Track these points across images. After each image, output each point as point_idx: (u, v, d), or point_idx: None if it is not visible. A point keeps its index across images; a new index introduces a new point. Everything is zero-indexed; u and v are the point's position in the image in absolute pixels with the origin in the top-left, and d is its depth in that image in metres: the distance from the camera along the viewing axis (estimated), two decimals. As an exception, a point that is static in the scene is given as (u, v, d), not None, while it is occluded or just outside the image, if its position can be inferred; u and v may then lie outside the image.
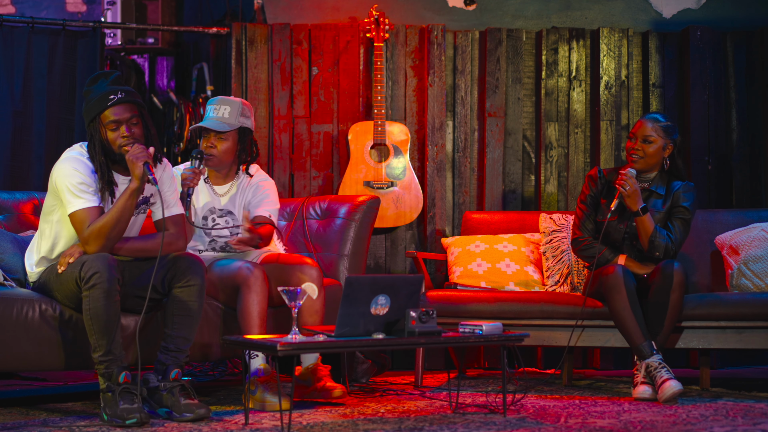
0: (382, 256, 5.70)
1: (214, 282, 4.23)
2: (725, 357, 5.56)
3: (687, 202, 4.52)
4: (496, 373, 5.30)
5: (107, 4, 6.18)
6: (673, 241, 4.45)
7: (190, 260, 3.80)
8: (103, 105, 3.75)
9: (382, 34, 5.57)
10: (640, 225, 4.44)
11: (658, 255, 4.44)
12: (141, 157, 3.70)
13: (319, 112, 5.71)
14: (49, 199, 3.85)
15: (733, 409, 3.89)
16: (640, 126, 4.55)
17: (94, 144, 3.77)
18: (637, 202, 4.41)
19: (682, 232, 4.50)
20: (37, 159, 5.43)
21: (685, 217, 4.52)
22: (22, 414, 3.85)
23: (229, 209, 4.43)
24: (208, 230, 4.37)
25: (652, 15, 5.89)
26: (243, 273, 4.10)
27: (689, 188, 4.57)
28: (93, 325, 3.59)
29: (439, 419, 3.68)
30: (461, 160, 5.75)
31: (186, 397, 3.68)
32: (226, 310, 4.25)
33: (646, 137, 4.52)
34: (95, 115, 3.76)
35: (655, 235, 4.42)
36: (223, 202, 4.43)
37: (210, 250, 4.42)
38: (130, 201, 3.73)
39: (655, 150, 4.53)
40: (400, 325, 3.61)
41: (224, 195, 4.44)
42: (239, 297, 4.09)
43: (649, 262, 4.51)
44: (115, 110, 3.75)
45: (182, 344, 3.78)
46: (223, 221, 4.42)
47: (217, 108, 4.37)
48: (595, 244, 4.56)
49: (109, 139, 3.75)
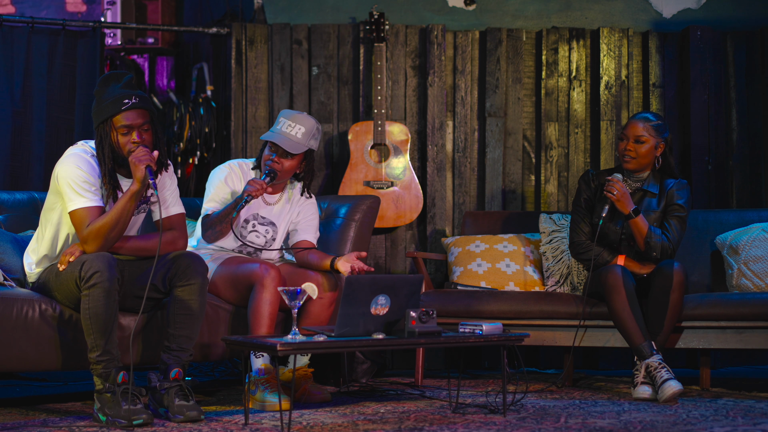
0: (382, 256, 5.70)
1: (225, 280, 4.22)
2: (725, 357, 5.56)
3: (681, 199, 4.54)
4: (496, 373, 5.30)
5: (107, 4, 6.18)
6: (670, 240, 4.46)
7: (190, 259, 3.80)
8: (116, 108, 3.73)
9: (382, 34, 5.57)
10: (633, 227, 4.44)
11: (656, 255, 4.44)
12: (144, 160, 3.69)
13: (319, 112, 5.71)
14: (51, 197, 3.84)
15: (733, 409, 3.89)
16: (632, 126, 4.55)
17: (103, 146, 3.76)
18: (627, 205, 4.42)
19: (679, 230, 4.50)
20: (37, 159, 5.43)
21: (680, 214, 4.52)
22: (22, 414, 3.85)
23: (273, 220, 4.44)
24: (242, 239, 4.36)
25: (652, 15, 5.89)
26: (259, 272, 4.10)
27: (683, 186, 4.58)
28: (92, 324, 3.58)
29: (439, 419, 3.68)
30: (461, 160, 5.75)
31: (181, 398, 3.67)
32: (230, 309, 4.25)
33: (638, 137, 4.54)
34: (107, 117, 3.75)
35: (650, 235, 4.42)
36: (270, 212, 4.44)
37: (237, 252, 4.42)
38: (130, 203, 3.72)
39: (648, 149, 4.54)
40: (400, 325, 3.61)
41: (272, 205, 4.44)
42: (252, 295, 4.09)
43: (649, 261, 4.51)
44: (128, 115, 3.74)
45: (184, 343, 3.77)
46: (263, 230, 4.42)
47: (291, 125, 4.30)
48: (590, 245, 4.57)
49: (120, 143, 3.76)
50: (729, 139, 5.78)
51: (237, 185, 4.36)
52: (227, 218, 4.22)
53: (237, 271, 4.19)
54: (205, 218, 4.33)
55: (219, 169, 4.41)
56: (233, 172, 4.38)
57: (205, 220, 4.32)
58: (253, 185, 4.19)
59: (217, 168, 4.44)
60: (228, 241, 4.39)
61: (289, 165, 4.32)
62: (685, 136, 5.76)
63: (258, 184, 4.20)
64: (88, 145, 3.82)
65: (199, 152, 6.16)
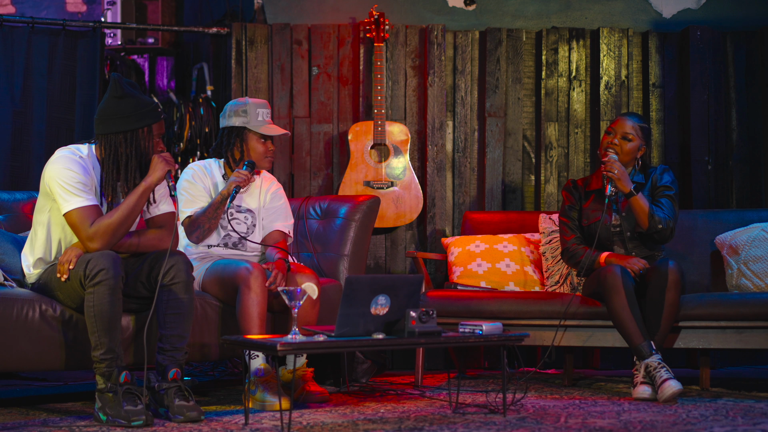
0: (382, 256, 5.70)
1: (215, 282, 4.23)
2: (725, 357, 5.56)
3: (666, 180, 4.60)
4: (496, 373, 5.30)
5: (107, 4, 6.18)
6: (669, 216, 4.49)
7: (172, 257, 3.78)
8: (157, 116, 3.81)
9: (382, 34, 5.57)
10: (635, 204, 4.46)
11: (661, 227, 4.45)
12: (170, 164, 3.78)
13: (319, 112, 5.71)
14: (41, 199, 3.83)
15: (733, 409, 3.89)
16: (621, 123, 4.60)
17: (134, 150, 3.77)
18: (627, 183, 4.45)
19: (672, 207, 4.54)
20: (37, 159, 5.43)
21: (669, 193, 4.57)
22: (22, 414, 3.85)
23: (249, 207, 4.50)
24: (226, 229, 4.40)
25: (652, 15, 5.89)
26: (243, 273, 4.10)
27: (665, 169, 4.67)
28: (96, 322, 3.58)
29: (439, 419, 3.68)
30: (461, 160, 5.75)
31: (181, 398, 3.67)
32: (225, 308, 4.25)
33: (626, 134, 4.58)
34: (148, 124, 3.78)
35: (652, 210, 4.46)
36: (243, 200, 4.49)
37: (222, 245, 4.42)
38: (142, 199, 3.75)
39: (632, 148, 4.58)
40: (400, 325, 3.61)
41: (243, 193, 4.49)
42: (238, 297, 4.09)
43: (638, 250, 4.54)
44: (161, 123, 3.84)
45: (177, 342, 3.77)
46: (242, 217, 4.47)
47: (267, 112, 4.48)
48: (580, 248, 4.59)
49: (147, 149, 3.79)
50: (729, 139, 5.78)
51: (206, 181, 4.43)
52: (216, 214, 4.30)
53: (224, 273, 4.20)
54: (188, 220, 4.34)
55: (182, 175, 4.49)
56: (196, 172, 4.47)
57: (190, 221, 4.34)
58: (239, 176, 4.31)
59: (179, 177, 4.48)
60: (212, 236, 4.41)
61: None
62: (685, 136, 5.76)
63: (243, 175, 4.32)
64: (74, 148, 3.82)
65: (199, 152, 6.16)
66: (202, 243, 4.41)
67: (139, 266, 3.81)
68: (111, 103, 3.78)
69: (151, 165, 3.77)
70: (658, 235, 4.51)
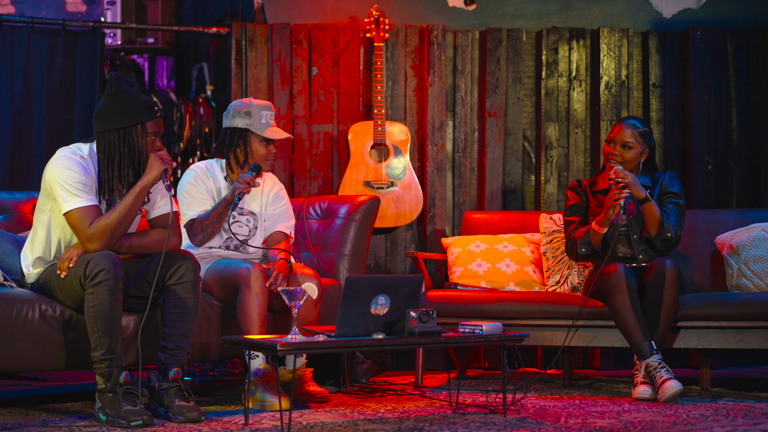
0: (382, 256, 5.70)
1: (215, 281, 4.23)
2: (725, 357, 5.56)
3: (675, 188, 4.59)
4: (496, 373, 5.30)
5: (107, 4, 6.18)
6: (677, 223, 4.49)
7: (181, 257, 3.79)
8: (152, 114, 3.78)
9: (382, 34, 5.57)
10: (647, 211, 4.45)
11: (670, 235, 4.45)
12: (166, 162, 3.77)
13: (319, 112, 5.71)
14: (42, 199, 3.83)
15: (733, 409, 3.89)
16: (620, 131, 4.58)
17: (128, 147, 3.77)
18: (640, 189, 4.44)
19: (680, 215, 4.55)
20: (37, 159, 5.43)
21: (678, 201, 4.57)
22: (21, 414, 3.85)
23: (251, 210, 4.49)
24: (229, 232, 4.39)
25: (652, 15, 5.89)
26: (243, 273, 4.10)
27: (673, 176, 4.66)
28: (96, 322, 3.58)
29: (439, 419, 3.68)
30: (461, 160, 5.75)
31: (181, 398, 3.67)
32: (226, 308, 4.25)
33: (626, 143, 4.57)
34: (141, 121, 3.77)
35: (663, 217, 4.46)
36: (245, 202, 4.48)
37: (224, 247, 4.42)
38: (139, 198, 3.75)
39: (634, 155, 4.58)
40: (400, 325, 3.61)
41: (246, 195, 4.47)
42: (239, 297, 4.09)
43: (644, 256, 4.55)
44: (158, 122, 3.81)
45: (181, 342, 3.77)
46: (244, 219, 4.47)
47: (270, 115, 4.45)
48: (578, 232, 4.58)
49: (141, 147, 3.78)
50: (729, 139, 5.78)
51: (208, 183, 4.42)
52: (219, 218, 4.28)
53: (224, 273, 4.20)
54: (191, 223, 4.34)
55: (184, 177, 4.47)
56: (199, 174, 4.45)
57: (192, 224, 4.34)
58: (242, 182, 4.28)
59: (181, 179, 4.48)
60: (214, 238, 4.41)
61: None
62: (685, 136, 5.76)
63: (247, 180, 4.30)
64: (76, 148, 3.82)
65: (199, 152, 6.16)
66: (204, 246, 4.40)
67: (146, 265, 3.80)
68: (106, 101, 3.79)
69: (148, 164, 3.77)
70: (665, 243, 4.50)
